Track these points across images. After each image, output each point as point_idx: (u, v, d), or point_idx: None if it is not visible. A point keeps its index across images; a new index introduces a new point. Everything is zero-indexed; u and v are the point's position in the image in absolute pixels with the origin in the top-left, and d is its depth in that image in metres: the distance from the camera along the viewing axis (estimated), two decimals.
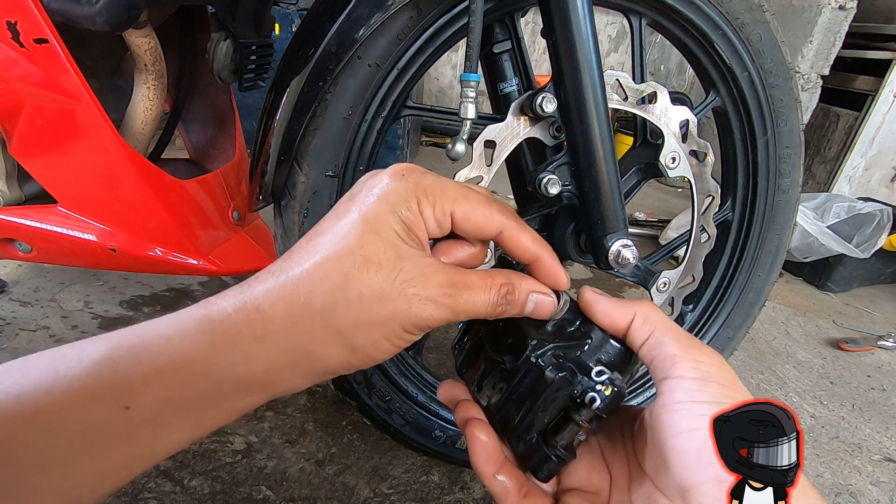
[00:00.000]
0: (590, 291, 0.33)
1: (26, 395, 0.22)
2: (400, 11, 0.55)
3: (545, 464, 0.32)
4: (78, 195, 0.72)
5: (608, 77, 0.54)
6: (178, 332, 0.26)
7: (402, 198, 0.29)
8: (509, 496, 0.32)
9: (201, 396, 0.26)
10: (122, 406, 0.23)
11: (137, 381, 0.24)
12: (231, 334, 0.26)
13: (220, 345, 0.26)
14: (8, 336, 0.97)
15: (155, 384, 0.24)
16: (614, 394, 0.29)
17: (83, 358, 0.24)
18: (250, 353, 0.26)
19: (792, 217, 0.81)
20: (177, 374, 0.25)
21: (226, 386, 0.26)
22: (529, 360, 0.31)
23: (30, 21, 0.60)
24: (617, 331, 0.32)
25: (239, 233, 0.87)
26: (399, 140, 2.15)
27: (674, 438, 0.26)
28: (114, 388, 0.24)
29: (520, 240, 0.32)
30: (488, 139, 0.56)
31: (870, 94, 2.17)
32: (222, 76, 0.81)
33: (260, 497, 0.74)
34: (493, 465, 0.32)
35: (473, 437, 0.33)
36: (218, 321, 0.26)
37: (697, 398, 0.26)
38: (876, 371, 1.31)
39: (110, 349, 0.25)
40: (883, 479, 0.96)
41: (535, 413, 0.31)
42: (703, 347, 0.29)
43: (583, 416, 0.30)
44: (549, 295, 0.32)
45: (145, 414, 0.24)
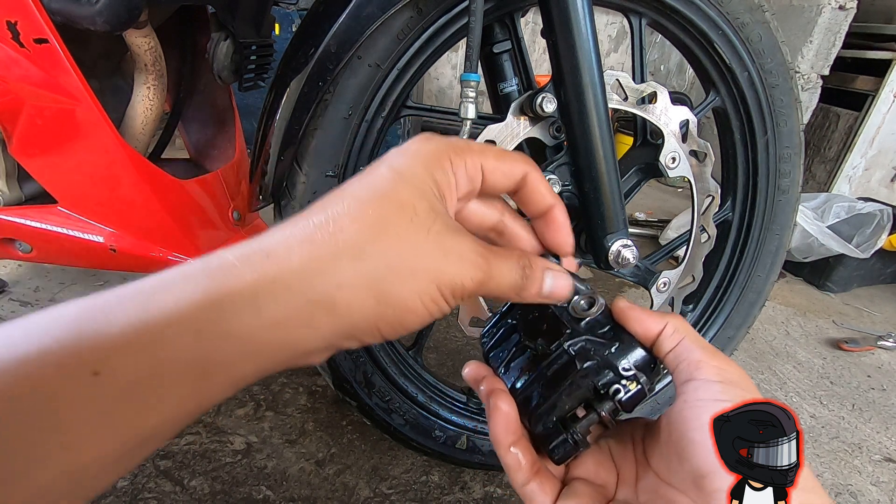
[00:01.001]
0: (624, 301, 0.34)
1: None
2: (400, 11, 0.55)
3: (562, 446, 0.33)
4: (78, 195, 0.72)
5: (608, 77, 0.54)
6: (163, 286, 0.21)
7: (435, 157, 0.27)
8: (521, 470, 0.33)
9: (190, 363, 0.21)
10: (89, 371, 0.19)
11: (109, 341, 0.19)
12: (232, 281, 0.22)
13: (214, 295, 0.21)
14: None
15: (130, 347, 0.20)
16: (638, 390, 0.31)
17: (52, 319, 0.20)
18: (255, 301, 0.22)
19: (792, 217, 0.82)
20: (159, 333, 0.20)
21: (223, 347, 0.21)
22: (563, 347, 0.33)
23: (30, 21, 0.60)
24: (647, 338, 0.33)
25: (239, 233, 0.87)
26: (399, 140, 2.15)
27: (694, 431, 0.27)
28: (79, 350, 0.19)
29: (541, 184, 0.32)
30: (488, 139, 0.56)
31: (870, 94, 2.17)
32: (222, 76, 0.81)
33: (260, 497, 0.74)
34: (510, 435, 0.33)
35: (495, 406, 0.33)
36: (217, 270, 0.22)
37: (721, 397, 0.27)
38: (876, 371, 1.31)
39: (80, 309, 0.20)
40: (883, 479, 0.96)
41: (559, 396, 0.33)
42: (725, 357, 0.30)
43: (605, 408, 0.32)
44: (563, 273, 0.32)
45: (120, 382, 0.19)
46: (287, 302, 0.22)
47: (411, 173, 0.26)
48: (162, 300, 0.21)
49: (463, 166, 0.28)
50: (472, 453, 0.76)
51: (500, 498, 0.80)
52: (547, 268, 0.32)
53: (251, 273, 0.22)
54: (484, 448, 0.77)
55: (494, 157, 0.30)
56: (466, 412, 0.76)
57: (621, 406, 0.31)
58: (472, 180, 0.29)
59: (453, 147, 0.28)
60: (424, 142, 0.28)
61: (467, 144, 0.29)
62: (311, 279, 0.23)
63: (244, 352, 0.22)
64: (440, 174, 0.27)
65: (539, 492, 0.33)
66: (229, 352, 0.21)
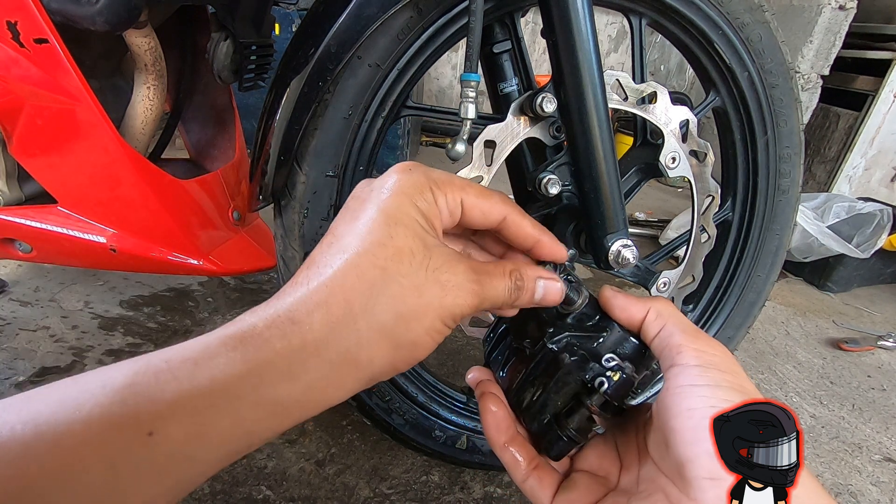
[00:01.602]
0: (609, 290, 0.35)
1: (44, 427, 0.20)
2: (400, 11, 0.55)
3: (556, 443, 0.34)
4: (78, 195, 0.72)
5: (608, 77, 0.54)
6: (206, 354, 0.23)
7: (417, 189, 0.29)
8: (519, 466, 0.34)
9: (235, 423, 0.23)
10: (145, 433, 0.21)
11: (162, 406, 0.22)
12: (265, 351, 0.24)
13: (253, 364, 0.23)
14: (8, 336, 0.97)
15: (182, 412, 0.22)
16: (622, 380, 0.31)
17: (106, 384, 0.22)
18: (289, 371, 0.24)
19: (792, 217, 0.81)
20: (207, 400, 0.22)
21: (262, 409, 0.24)
22: (546, 346, 0.33)
23: (30, 21, 0.60)
24: (632, 325, 0.33)
25: (239, 233, 0.87)
26: (399, 140, 2.14)
27: (674, 419, 0.27)
28: (136, 414, 0.21)
29: (522, 225, 0.33)
30: (488, 139, 0.56)
31: (870, 94, 2.17)
32: (222, 76, 0.81)
33: (260, 497, 0.74)
34: (503, 434, 0.34)
35: (486, 408, 0.35)
36: (249, 339, 0.24)
37: (697, 382, 0.27)
38: (876, 371, 1.31)
39: (134, 374, 0.22)
40: (883, 479, 0.96)
41: (548, 394, 0.33)
42: (707, 338, 0.30)
43: (593, 401, 0.32)
44: (555, 280, 0.33)
45: (172, 444, 0.22)
46: (315, 368, 0.25)
47: (400, 213, 0.28)
48: (207, 370, 0.23)
49: (444, 198, 0.30)
50: (472, 453, 0.76)
51: (500, 498, 0.80)
52: (538, 276, 0.33)
53: (281, 341, 0.24)
54: (484, 448, 0.77)
55: (475, 194, 0.31)
56: (466, 412, 0.76)
57: (609, 397, 0.31)
58: (451, 213, 0.30)
59: (434, 180, 0.30)
60: (405, 173, 0.29)
61: (449, 178, 0.31)
62: (335, 343, 0.25)
63: (279, 412, 0.25)
64: (425, 205, 0.29)
65: (538, 486, 0.34)
66: (267, 414, 0.24)
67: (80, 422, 0.20)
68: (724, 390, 0.27)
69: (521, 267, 0.32)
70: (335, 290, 0.25)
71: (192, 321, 1.10)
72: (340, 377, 0.26)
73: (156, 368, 0.23)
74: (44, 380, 0.89)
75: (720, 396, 0.27)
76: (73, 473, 0.20)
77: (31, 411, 0.21)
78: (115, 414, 0.21)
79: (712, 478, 0.25)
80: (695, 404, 0.27)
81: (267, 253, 0.88)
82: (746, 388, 0.27)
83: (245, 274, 1.08)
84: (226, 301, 1.18)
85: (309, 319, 0.25)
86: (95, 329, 1.03)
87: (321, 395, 0.25)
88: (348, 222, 0.28)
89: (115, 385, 0.22)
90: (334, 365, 0.25)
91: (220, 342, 0.24)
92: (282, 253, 0.67)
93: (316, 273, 0.26)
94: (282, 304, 0.25)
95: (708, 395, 0.27)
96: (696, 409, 0.26)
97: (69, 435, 0.20)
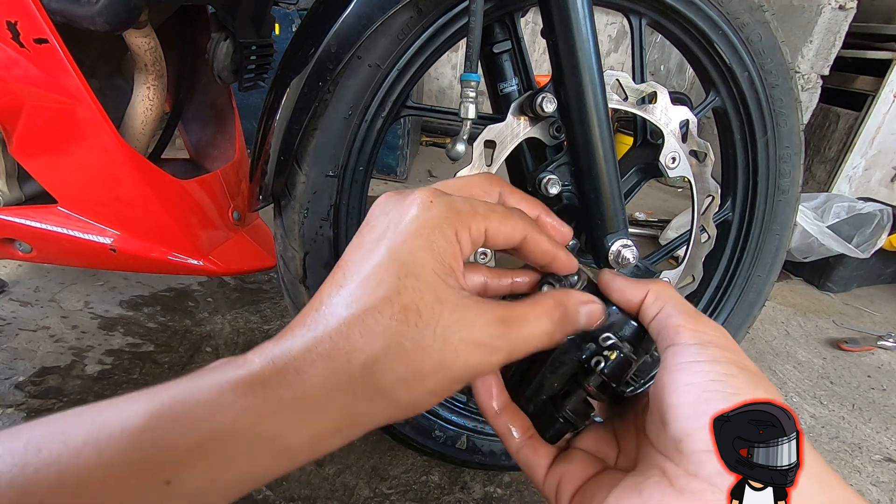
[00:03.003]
0: (608, 272, 0.34)
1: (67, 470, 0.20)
2: (400, 11, 0.55)
3: (552, 425, 0.33)
4: (78, 195, 0.72)
5: (608, 77, 0.54)
6: (219, 400, 0.24)
7: (437, 227, 0.27)
8: (513, 436, 0.33)
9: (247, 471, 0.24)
10: (162, 481, 0.21)
11: (181, 454, 0.22)
12: (273, 401, 0.24)
13: (263, 415, 0.24)
14: (8, 336, 0.97)
15: (198, 462, 0.22)
16: (619, 359, 0.31)
17: (125, 426, 0.22)
18: (295, 422, 0.24)
19: (792, 217, 0.81)
20: (220, 447, 0.23)
21: (271, 457, 0.24)
22: None
23: (30, 21, 0.60)
24: (631, 307, 0.33)
25: (239, 233, 0.87)
26: (399, 140, 2.14)
27: (672, 395, 0.27)
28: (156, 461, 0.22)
29: (540, 243, 0.32)
30: (488, 139, 0.56)
31: (870, 94, 2.17)
32: (222, 76, 0.81)
33: (260, 497, 0.74)
34: (495, 402, 0.34)
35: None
36: (259, 386, 0.24)
37: (696, 358, 0.27)
38: (876, 371, 1.31)
39: (152, 417, 0.23)
40: (883, 480, 0.96)
41: (543, 375, 0.33)
42: (706, 319, 0.30)
43: (590, 381, 0.32)
44: (596, 303, 0.32)
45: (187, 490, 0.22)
46: (317, 417, 0.25)
47: (413, 260, 0.26)
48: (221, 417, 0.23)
49: (467, 233, 0.28)
50: (472, 453, 0.76)
51: (500, 498, 0.80)
52: (580, 303, 0.31)
53: (286, 391, 0.24)
54: (484, 448, 0.77)
55: (498, 220, 0.30)
56: (466, 412, 0.76)
57: (606, 377, 0.31)
58: (475, 243, 0.29)
59: (458, 215, 0.28)
60: (426, 209, 0.28)
61: (472, 209, 0.29)
62: (335, 397, 0.25)
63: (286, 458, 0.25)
64: (445, 249, 0.27)
65: (533, 456, 0.33)
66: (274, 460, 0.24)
67: (103, 467, 0.21)
68: (723, 365, 0.27)
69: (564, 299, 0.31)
70: (339, 343, 0.25)
71: (192, 321, 1.10)
72: (340, 429, 0.26)
73: (171, 412, 0.23)
74: (44, 380, 0.89)
75: (719, 371, 0.26)
76: None
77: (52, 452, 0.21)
78: (135, 460, 0.21)
79: (711, 451, 0.25)
80: (693, 379, 0.26)
81: (267, 253, 0.88)
82: (746, 365, 0.27)
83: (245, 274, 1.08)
84: (226, 301, 1.18)
85: (313, 370, 0.25)
86: (95, 329, 1.03)
87: (321, 444, 0.26)
88: (358, 262, 0.27)
89: (134, 427, 0.22)
90: (335, 418, 0.25)
91: (232, 388, 0.24)
92: (282, 253, 0.67)
93: (323, 321, 0.26)
94: (288, 349, 0.25)
95: (707, 370, 0.26)
96: (695, 383, 0.26)
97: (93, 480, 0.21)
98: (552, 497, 0.32)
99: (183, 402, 0.23)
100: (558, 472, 0.32)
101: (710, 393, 0.26)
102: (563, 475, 0.32)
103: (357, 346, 0.25)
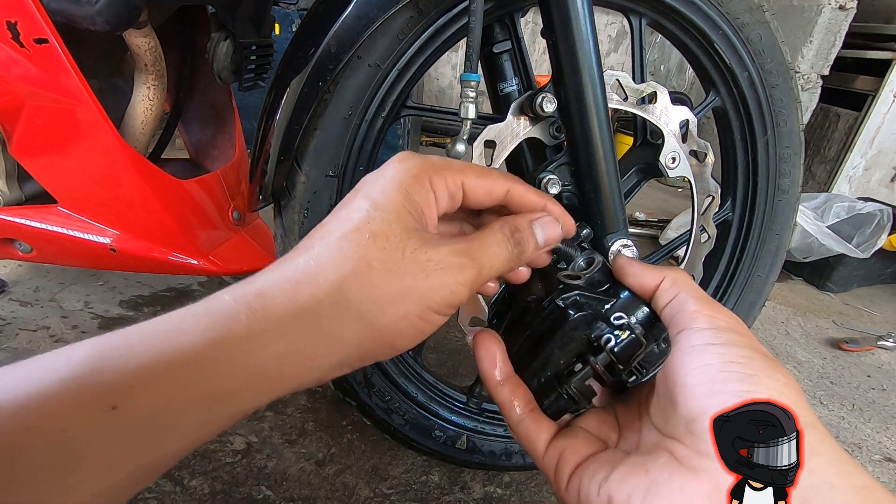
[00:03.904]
0: (624, 257, 0.34)
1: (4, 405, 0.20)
2: (400, 11, 0.55)
3: (556, 402, 0.33)
4: (78, 195, 0.72)
5: (608, 77, 0.54)
6: (176, 327, 0.23)
7: (412, 176, 0.28)
8: (514, 407, 0.33)
9: (202, 395, 0.23)
10: (108, 405, 0.20)
11: (129, 378, 0.21)
12: (233, 324, 0.24)
13: (220, 336, 0.23)
14: (8, 336, 0.97)
15: (149, 382, 0.21)
16: (630, 339, 0.30)
17: (71, 359, 0.21)
18: (257, 343, 0.24)
19: (792, 217, 0.81)
20: (174, 371, 0.22)
21: (226, 383, 0.23)
22: (554, 301, 0.33)
23: (30, 21, 0.60)
24: (645, 292, 0.33)
25: (239, 233, 0.87)
26: (399, 140, 2.14)
27: (685, 376, 0.27)
28: (99, 386, 0.21)
29: (527, 193, 0.32)
30: (488, 139, 0.56)
31: (870, 94, 2.17)
32: (222, 76, 0.81)
33: (260, 497, 0.74)
34: (497, 371, 0.33)
35: (480, 345, 0.34)
36: (218, 312, 0.24)
37: (713, 341, 0.27)
38: (876, 371, 1.31)
39: (101, 347, 0.22)
40: (883, 480, 0.96)
41: (551, 350, 0.33)
42: (721, 307, 0.30)
43: (598, 360, 0.31)
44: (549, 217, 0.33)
45: (139, 415, 0.21)
46: (280, 340, 0.24)
47: (385, 199, 0.27)
48: (175, 342, 0.23)
49: (443, 184, 0.29)
50: (472, 453, 0.76)
51: (500, 498, 0.80)
52: (531, 220, 0.32)
53: (246, 313, 0.24)
54: (484, 448, 0.77)
55: (475, 174, 0.31)
56: (466, 412, 0.76)
57: (614, 356, 0.31)
58: (452, 197, 0.30)
59: (432, 166, 0.29)
60: (402, 161, 0.29)
61: (447, 163, 0.30)
62: (300, 317, 0.25)
63: (245, 387, 0.24)
64: (418, 193, 0.28)
65: (534, 429, 0.33)
66: (231, 387, 0.23)
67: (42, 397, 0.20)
68: (741, 348, 0.27)
69: (512, 220, 0.31)
70: (307, 269, 0.26)
71: None
72: (307, 352, 0.25)
73: (127, 341, 0.23)
74: None
75: (736, 353, 0.26)
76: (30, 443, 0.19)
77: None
78: (77, 386, 0.21)
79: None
80: (709, 360, 0.26)
81: (267, 253, 0.88)
82: (762, 350, 0.27)
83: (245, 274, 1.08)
84: None
85: (275, 295, 0.25)
86: (95, 329, 1.03)
87: (288, 370, 0.25)
88: (336, 212, 0.28)
89: (79, 358, 0.21)
90: (299, 340, 0.25)
91: (191, 317, 0.24)
92: (282, 253, 0.67)
93: (293, 255, 0.27)
94: (254, 282, 0.26)
95: (724, 352, 0.27)
96: (711, 364, 0.26)
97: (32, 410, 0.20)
98: (551, 471, 0.32)
99: (138, 332, 0.23)
100: (560, 447, 0.32)
101: (728, 374, 0.26)
102: (564, 449, 0.32)
103: (326, 267, 0.25)
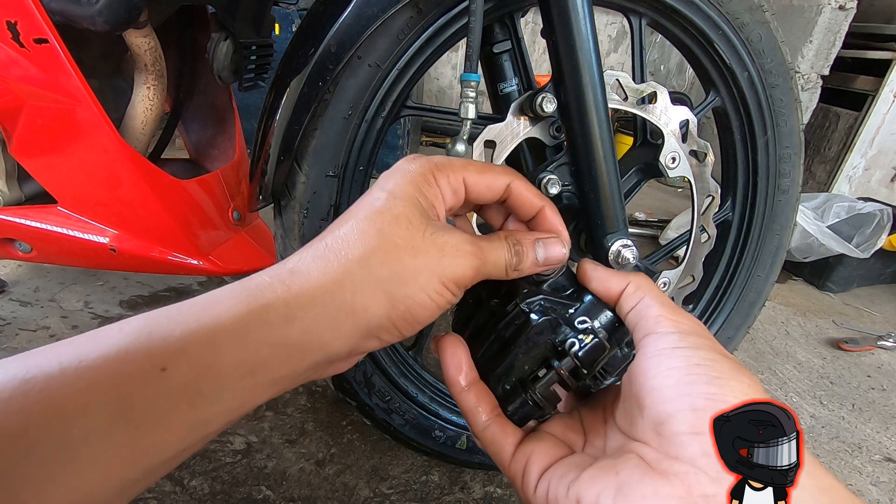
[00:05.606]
0: (589, 262, 0.35)
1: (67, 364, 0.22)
2: (400, 11, 0.55)
3: (521, 407, 0.33)
4: (78, 195, 0.72)
5: (608, 77, 0.54)
6: (216, 299, 0.26)
7: (420, 174, 0.31)
8: (479, 413, 0.33)
9: (238, 362, 0.25)
10: (158, 368, 0.23)
11: (174, 343, 0.24)
12: (266, 296, 0.26)
13: (254, 307, 0.26)
14: (8, 336, 0.97)
15: (190, 348, 0.24)
16: (594, 343, 0.31)
17: (123, 329, 0.24)
18: (287, 314, 0.26)
19: (792, 217, 0.81)
20: (211, 338, 0.25)
21: (262, 351, 0.26)
22: (518, 306, 0.33)
23: (30, 21, 0.60)
24: (609, 298, 0.33)
25: (239, 233, 0.87)
26: (399, 140, 2.14)
27: (652, 379, 0.27)
28: (150, 351, 0.24)
29: (527, 191, 0.34)
30: (488, 139, 0.56)
31: (870, 94, 2.17)
32: (222, 76, 0.81)
33: (260, 497, 0.74)
34: (462, 376, 0.34)
35: (445, 350, 0.35)
36: (254, 287, 0.27)
37: (678, 345, 0.28)
38: (876, 371, 1.31)
39: (150, 319, 0.25)
40: (883, 480, 0.96)
41: (515, 355, 0.33)
42: (684, 313, 0.31)
43: (563, 364, 0.32)
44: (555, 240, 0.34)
45: (183, 377, 0.24)
46: (312, 312, 0.27)
47: (402, 191, 0.30)
48: (214, 311, 0.25)
49: (446, 181, 0.32)
50: (472, 453, 0.76)
51: (499, 498, 0.80)
52: (536, 239, 0.34)
53: (280, 286, 0.27)
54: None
55: (476, 170, 0.33)
56: None
57: (579, 361, 0.31)
58: (455, 193, 0.33)
59: (436, 165, 0.32)
60: (409, 162, 0.32)
61: (449, 161, 0.33)
62: (331, 290, 0.27)
63: (280, 354, 0.26)
64: (427, 189, 0.31)
65: (500, 434, 0.33)
66: (267, 354, 0.26)
67: (100, 358, 0.23)
68: (706, 351, 0.27)
69: (516, 232, 0.34)
70: (335, 247, 0.28)
71: None
72: (337, 322, 0.27)
73: (168, 314, 0.25)
74: None
75: (702, 356, 0.27)
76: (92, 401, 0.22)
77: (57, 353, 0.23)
78: (132, 352, 0.23)
79: (695, 432, 0.24)
80: (676, 363, 0.27)
81: (267, 253, 0.88)
82: (725, 353, 0.28)
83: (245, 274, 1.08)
84: None
85: (307, 269, 0.27)
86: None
87: (319, 339, 0.27)
88: (357, 203, 0.31)
89: (130, 327, 0.24)
90: (329, 310, 0.27)
91: (228, 291, 0.27)
92: (282, 253, 0.67)
93: (321, 238, 0.30)
94: (287, 262, 0.28)
95: (690, 355, 0.27)
96: (678, 367, 0.27)
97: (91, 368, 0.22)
98: (518, 477, 0.32)
99: (180, 307, 0.26)
100: (526, 451, 0.32)
101: (694, 376, 0.26)
102: (531, 454, 0.32)
103: (354, 244, 0.28)
